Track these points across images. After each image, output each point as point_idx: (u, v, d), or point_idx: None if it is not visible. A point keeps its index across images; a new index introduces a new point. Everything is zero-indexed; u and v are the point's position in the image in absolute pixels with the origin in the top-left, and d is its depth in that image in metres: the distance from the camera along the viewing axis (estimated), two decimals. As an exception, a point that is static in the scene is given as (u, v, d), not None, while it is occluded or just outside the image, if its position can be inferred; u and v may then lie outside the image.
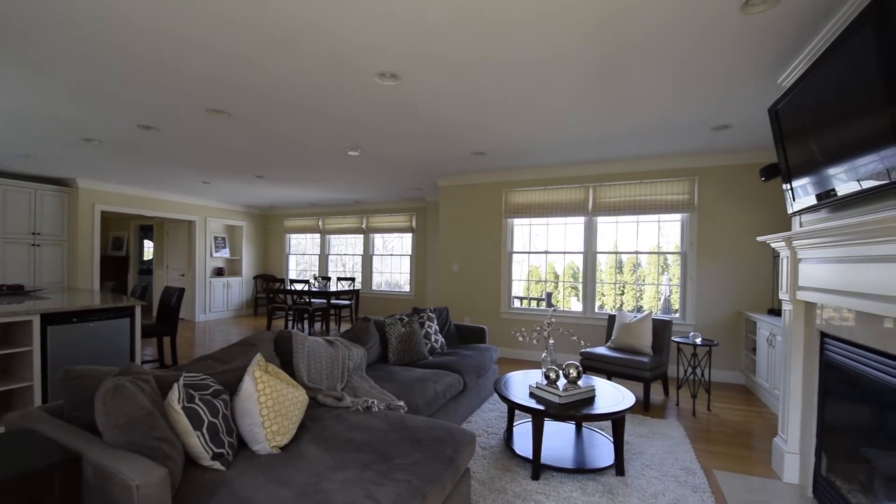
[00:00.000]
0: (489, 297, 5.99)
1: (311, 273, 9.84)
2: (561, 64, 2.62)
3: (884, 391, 1.81)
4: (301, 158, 5.11)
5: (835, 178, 1.95)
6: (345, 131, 4.01)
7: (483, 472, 2.59)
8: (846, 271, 1.94)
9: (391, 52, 2.48)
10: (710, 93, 3.04)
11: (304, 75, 2.80)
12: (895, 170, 1.55)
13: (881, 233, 1.64)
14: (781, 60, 2.53)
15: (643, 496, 2.38)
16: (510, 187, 5.84)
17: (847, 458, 2.15)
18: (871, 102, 1.62)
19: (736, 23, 2.15)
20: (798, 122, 2.22)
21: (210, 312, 8.86)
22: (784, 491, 2.47)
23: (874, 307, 1.72)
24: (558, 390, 2.69)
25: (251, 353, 2.29)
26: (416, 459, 1.76)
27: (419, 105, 3.32)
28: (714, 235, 4.82)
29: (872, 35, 1.56)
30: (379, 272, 9.10)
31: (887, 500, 1.85)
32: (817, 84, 1.99)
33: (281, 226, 10.03)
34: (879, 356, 1.81)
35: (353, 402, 2.35)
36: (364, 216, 9.02)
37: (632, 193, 5.19)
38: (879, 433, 1.94)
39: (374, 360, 3.45)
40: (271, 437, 1.80)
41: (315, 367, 2.62)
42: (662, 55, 2.50)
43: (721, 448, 3.05)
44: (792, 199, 2.44)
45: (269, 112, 3.52)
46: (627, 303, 6.13)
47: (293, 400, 1.91)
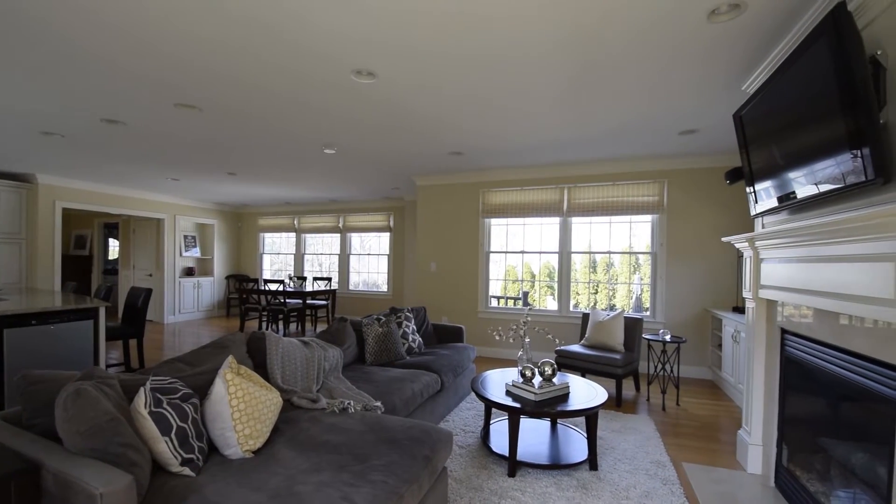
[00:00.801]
0: (467, 297, 6.02)
1: (286, 273, 9.66)
2: (536, 67, 2.65)
3: (839, 384, 1.91)
4: (275, 156, 5.01)
5: (795, 181, 2.05)
6: (320, 129, 3.96)
7: (460, 471, 2.61)
8: (805, 270, 2.04)
9: (368, 50, 2.46)
10: (677, 98, 3.14)
11: (278, 71, 2.75)
12: (850, 174, 1.64)
13: (837, 234, 1.73)
14: (745, 68, 2.64)
15: (615, 490, 2.44)
16: (487, 187, 5.89)
17: (806, 448, 2.26)
18: (827, 110, 1.70)
19: (703, 31, 2.23)
20: (761, 127, 2.32)
21: (180, 314, 8.59)
22: (748, 481, 2.58)
23: (830, 305, 1.82)
24: (534, 388, 2.73)
25: (222, 356, 2.23)
26: (393, 460, 1.75)
27: (396, 104, 3.31)
28: (682, 236, 4.99)
29: (827, 47, 1.64)
30: (356, 272, 9.02)
31: (841, 487, 1.95)
32: (778, 91, 2.08)
33: (254, 224, 9.80)
34: (835, 351, 1.91)
35: (328, 403, 2.32)
36: (341, 215, 8.91)
37: (604, 195, 5.31)
38: (834, 424, 2.04)
39: (350, 360, 3.41)
40: (244, 441, 1.76)
41: (290, 368, 2.57)
42: (632, 61, 2.57)
43: (689, 441, 3.16)
44: (755, 201, 2.55)
45: (242, 108, 3.43)
46: (601, 301, 6.27)
47: (266, 403, 1.88)
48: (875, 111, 1.53)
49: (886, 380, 1.57)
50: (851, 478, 1.87)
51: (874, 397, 1.65)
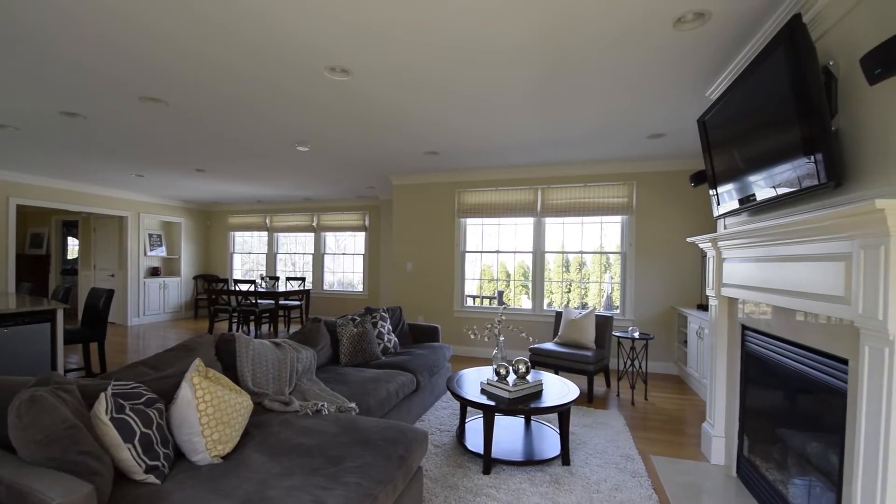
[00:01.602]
0: (443, 296, 6.03)
1: (257, 273, 9.43)
2: (509, 68, 2.68)
3: (795, 377, 2.02)
4: (246, 153, 4.88)
5: (755, 184, 2.15)
6: (293, 126, 3.88)
7: (435, 470, 2.61)
8: (764, 270, 2.14)
9: (342, 47, 2.43)
10: (645, 103, 3.24)
11: (250, 65, 2.68)
12: (805, 178, 1.73)
13: (793, 235, 1.83)
14: (710, 75, 2.74)
15: (587, 484, 2.50)
16: (463, 187, 5.91)
17: (765, 439, 2.37)
18: (784, 117, 1.79)
19: (669, 38, 2.31)
20: (723, 132, 2.42)
21: (144, 315, 8.27)
22: (712, 472, 2.68)
23: (787, 302, 1.91)
24: (508, 386, 2.76)
25: (189, 358, 2.17)
26: (367, 461, 1.74)
27: (371, 103, 3.28)
28: (650, 237, 5.15)
29: (784, 56, 1.73)
30: (331, 271, 8.89)
31: (798, 475, 2.06)
32: (739, 98, 2.17)
33: (224, 223, 9.53)
34: (792, 346, 2.01)
35: (301, 405, 2.29)
36: (315, 214, 8.77)
37: (576, 196, 5.42)
38: (791, 415, 2.15)
39: (324, 361, 3.37)
40: (212, 447, 1.71)
41: (261, 370, 2.52)
42: (601, 65, 2.63)
43: (657, 435, 3.27)
44: (717, 203, 2.66)
45: (211, 102, 3.33)
46: (574, 300, 6.39)
47: (236, 406, 1.83)
48: (827, 119, 1.62)
49: (837, 372, 1.67)
50: (807, 466, 1.97)
51: (826, 389, 1.75)
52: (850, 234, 1.47)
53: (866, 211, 1.31)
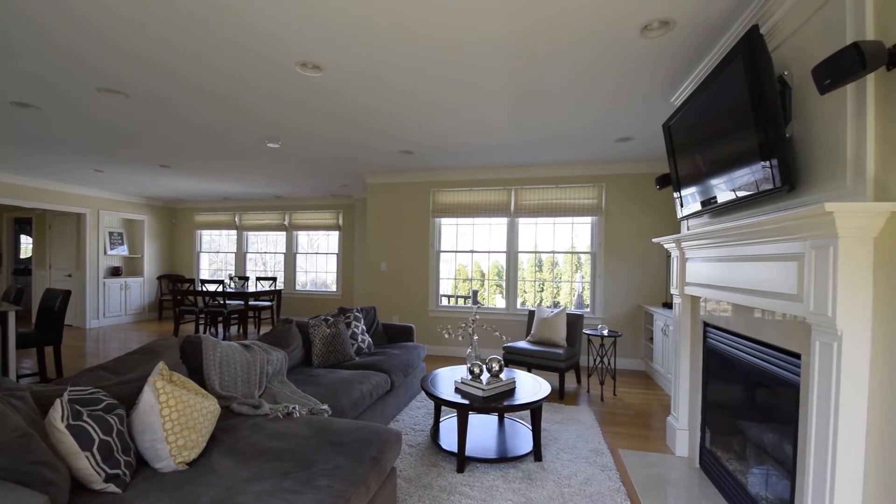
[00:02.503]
0: (417, 296, 6.02)
1: (226, 273, 9.16)
2: (483, 69, 2.71)
3: (752, 371, 2.12)
4: (213, 148, 4.73)
5: (716, 187, 2.24)
6: (263, 121, 3.79)
7: (410, 470, 2.61)
8: (724, 269, 2.24)
9: (314, 41, 2.39)
10: (614, 107, 3.33)
11: (217, 58, 2.60)
12: (762, 182, 1.81)
13: (750, 236, 1.92)
14: (674, 81, 2.85)
15: (558, 478, 2.55)
16: (438, 187, 5.92)
17: (725, 431, 2.48)
18: (742, 123, 1.88)
19: (636, 45, 2.38)
20: (686, 137, 2.51)
21: (105, 317, 7.90)
22: (676, 464, 2.79)
23: (745, 300, 2.01)
24: (482, 384, 2.79)
25: (153, 362, 2.09)
26: (340, 463, 1.72)
27: (344, 100, 3.24)
28: (619, 237, 5.30)
29: (743, 66, 1.81)
30: (304, 271, 8.73)
31: (756, 465, 2.16)
32: (702, 105, 2.26)
33: (190, 221, 9.20)
34: (749, 342, 2.11)
35: (271, 409, 2.24)
36: (287, 212, 8.58)
37: (549, 197, 5.52)
38: (750, 408, 2.26)
39: (296, 363, 3.31)
40: (177, 453, 1.65)
41: (229, 373, 2.45)
42: (572, 70, 2.69)
43: (625, 429, 3.37)
44: (681, 205, 2.76)
45: (176, 96, 3.21)
46: (546, 299, 6.50)
47: (202, 411, 1.78)
48: (782, 126, 1.71)
49: (791, 366, 1.76)
50: (764, 456, 2.08)
51: (781, 382, 1.84)
52: (802, 236, 1.56)
53: (816, 213, 1.39)
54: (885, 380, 1.35)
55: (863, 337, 1.39)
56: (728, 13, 2.09)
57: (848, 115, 1.47)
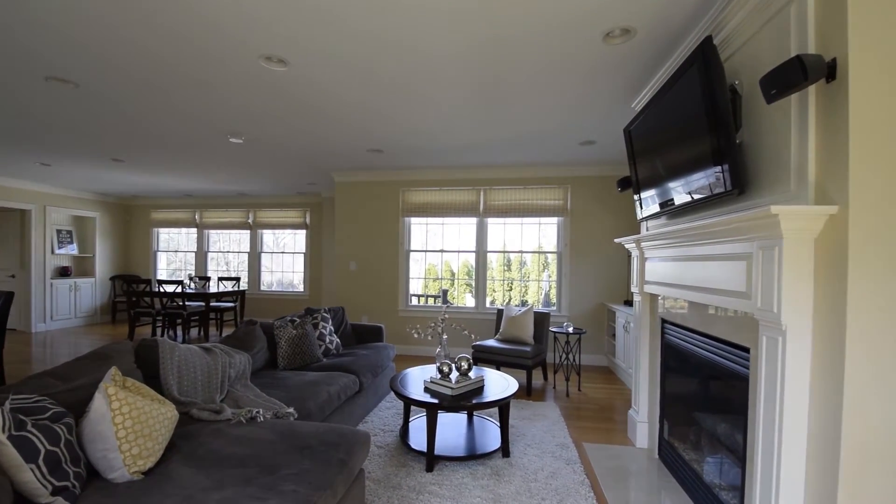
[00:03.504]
0: (387, 296, 5.98)
1: (185, 273, 8.79)
2: (450, 71, 2.72)
3: (707, 365, 2.22)
4: (171, 143, 4.53)
5: (673, 190, 2.34)
6: (225, 116, 3.66)
7: (378, 471, 2.59)
8: (680, 268, 2.34)
9: (280, 34, 2.32)
10: (577, 110, 3.42)
11: (175, 48, 2.49)
12: (715, 186, 1.91)
13: (703, 236, 2.01)
14: (635, 87, 2.95)
15: (525, 473, 2.60)
16: (407, 186, 5.90)
17: (682, 422, 2.60)
18: (697, 130, 1.97)
19: (598, 51, 2.46)
20: (646, 142, 2.61)
21: (53, 321, 7.42)
22: (637, 455, 2.90)
23: (699, 297, 2.11)
24: (451, 383, 2.80)
25: (104, 367, 1.98)
26: (306, 467, 1.69)
27: (310, 96, 3.18)
28: (583, 237, 5.46)
29: (697, 74, 1.90)
30: (269, 271, 8.49)
31: (710, 454, 2.27)
32: (660, 110, 2.36)
33: (147, 218, 8.78)
34: (704, 337, 2.22)
35: (234, 413, 2.17)
36: (251, 210, 8.33)
37: (516, 197, 5.62)
38: (704, 400, 2.38)
39: (260, 366, 3.22)
40: (131, 462, 1.58)
41: (188, 378, 2.36)
42: (539, 74, 2.75)
43: (589, 423, 3.47)
44: (641, 207, 2.87)
45: (130, 87, 3.06)
46: (515, 298, 6.60)
47: (158, 417, 1.71)
48: (733, 133, 1.80)
49: (741, 360, 1.87)
50: (718, 445, 2.19)
51: (732, 375, 1.94)
52: (750, 237, 1.66)
53: (763, 216, 1.48)
54: (823, 371, 1.45)
55: (805, 331, 1.49)
56: (685, 23, 2.18)
57: (792, 123, 1.57)
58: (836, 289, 1.40)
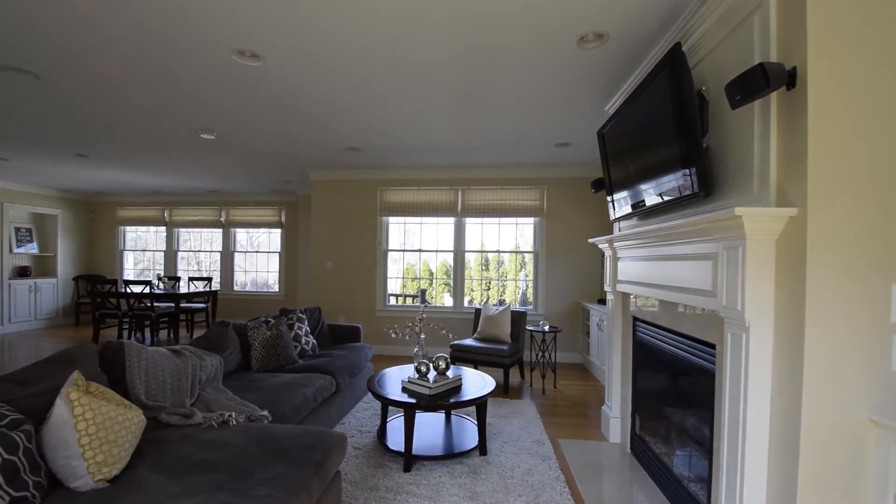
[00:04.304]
0: (364, 296, 5.93)
1: (154, 273, 8.50)
2: (429, 70, 2.72)
3: (676, 361, 2.30)
4: (139, 138, 4.37)
5: (645, 192, 2.40)
6: (196, 111, 3.56)
7: (356, 472, 2.57)
8: (650, 267, 2.41)
9: (253, 27, 2.26)
10: (552, 113, 3.47)
11: (142, 38, 2.41)
12: (683, 188, 1.97)
13: (672, 237, 2.08)
14: (608, 90, 3.02)
15: (502, 471, 2.63)
16: (385, 186, 5.87)
17: (653, 417, 2.67)
18: (666, 133, 2.03)
19: (573, 55, 2.50)
20: (618, 144, 2.67)
21: (11, 323, 7.06)
22: (610, 450, 2.97)
23: (669, 295, 2.17)
24: (429, 382, 2.80)
25: (66, 371, 1.90)
26: (280, 471, 1.67)
27: (285, 92, 3.12)
28: (559, 237, 5.56)
29: (667, 80, 1.96)
30: (243, 271, 8.29)
31: (679, 447, 2.35)
32: (632, 114, 2.41)
33: (113, 216, 8.44)
34: (673, 334, 2.29)
35: (205, 417, 2.12)
36: (224, 208, 8.11)
37: (494, 198, 5.67)
38: (674, 395, 2.45)
39: (233, 368, 3.15)
40: (95, 470, 1.52)
41: (156, 381, 2.28)
42: (515, 75, 2.78)
43: (564, 420, 3.53)
44: (614, 208, 2.94)
45: (95, 79, 2.94)
46: (492, 297, 6.65)
47: (125, 423, 1.65)
48: (700, 137, 1.87)
49: (708, 356, 1.93)
50: (686, 439, 2.26)
51: (700, 371, 2.01)
52: (715, 237, 1.72)
53: (728, 217, 1.54)
54: (784, 366, 1.52)
55: (766, 328, 1.56)
56: (656, 29, 2.25)
57: (755, 128, 1.64)
58: (796, 287, 1.46)
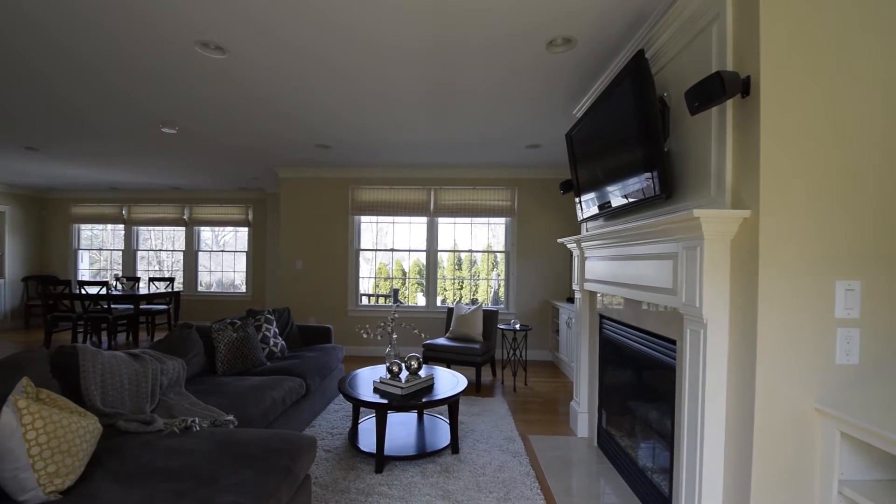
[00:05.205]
0: (336, 296, 5.85)
1: (112, 273, 8.10)
2: (400, 67, 2.71)
3: (640, 357, 2.38)
4: (94, 130, 4.16)
5: (611, 194, 2.47)
6: (157, 103, 3.41)
7: (326, 476, 2.54)
8: (616, 266, 2.48)
9: (217, 19, 2.19)
10: (522, 115, 3.53)
11: (100, 28, 2.29)
12: (647, 190, 2.04)
13: (635, 237, 2.15)
14: (576, 94, 3.09)
15: (474, 468, 2.65)
16: (357, 184, 5.80)
17: (618, 411, 2.76)
18: (630, 138, 2.09)
19: (542, 59, 2.55)
20: (585, 147, 2.74)
21: (-53, 328, 6.57)
22: (578, 444, 3.04)
23: (632, 294, 2.25)
24: (401, 382, 2.79)
25: (14, 378, 1.78)
26: (246, 477, 1.62)
27: (251, 87, 3.04)
28: (529, 237, 5.66)
29: (631, 85, 2.02)
30: (207, 270, 8.01)
31: (643, 440, 2.43)
32: (598, 118, 2.48)
33: (66, 213, 7.99)
34: (637, 331, 2.37)
35: (166, 423, 2.04)
36: (187, 205, 7.81)
37: (466, 198, 5.71)
38: (638, 390, 2.54)
39: (197, 372, 3.04)
40: (46, 481, 1.44)
41: (113, 387, 2.18)
42: (486, 76, 2.82)
43: (535, 416, 3.60)
44: (581, 209, 3.01)
45: (46, 68, 2.77)
46: (465, 296, 6.69)
47: (78, 431, 1.57)
48: (662, 141, 1.94)
49: (668, 351, 2.01)
50: (650, 431, 2.34)
51: (662, 366, 2.09)
52: (676, 238, 1.79)
53: (687, 219, 1.61)
54: (738, 360, 1.60)
55: (723, 324, 1.64)
56: (621, 36, 2.31)
57: (712, 134, 1.71)
58: (749, 285, 1.54)
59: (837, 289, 1.49)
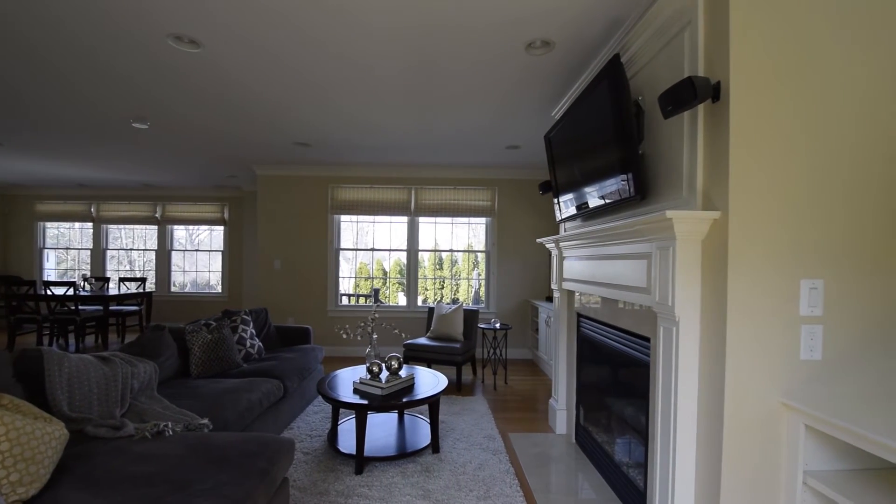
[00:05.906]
0: (315, 296, 5.78)
1: (80, 273, 7.80)
2: (379, 64, 2.70)
3: (615, 354, 2.43)
4: (62, 125, 4.00)
5: (588, 195, 2.52)
6: (128, 98, 3.30)
7: (305, 478, 2.51)
8: (593, 266, 2.53)
9: (191, 11, 2.13)
10: (503, 115, 3.56)
11: (67, 17, 2.20)
12: (623, 191, 2.08)
13: (611, 237, 2.20)
14: (555, 96, 3.13)
15: (454, 467, 2.66)
16: (337, 183, 5.74)
17: (595, 408, 2.81)
18: (606, 140, 2.14)
19: (521, 60, 2.58)
20: (564, 148, 2.78)
21: None
22: (556, 441, 3.09)
23: (609, 292, 2.30)
24: (381, 383, 2.78)
25: (-26, 386, 1.71)
26: (222, 481, 1.59)
27: (227, 82, 2.98)
28: (509, 237, 5.72)
29: (607, 89, 2.06)
30: (182, 270, 7.80)
31: (619, 435, 2.48)
32: (576, 120, 2.52)
33: (30, 210, 7.65)
34: (613, 329, 2.43)
35: (137, 428, 1.98)
36: (159, 203, 7.58)
37: (447, 197, 5.72)
38: (614, 386, 2.59)
39: (170, 375, 2.96)
40: (9, 491, 1.38)
41: (81, 392, 2.10)
42: (466, 77, 2.83)
43: (514, 414, 3.63)
44: (559, 209, 3.05)
45: (9, 58, 2.65)
46: (446, 296, 6.70)
47: (43, 438, 1.51)
48: (637, 144, 1.98)
49: (642, 348, 2.07)
50: (626, 427, 2.39)
51: (637, 363, 2.15)
52: (649, 238, 1.84)
53: (660, 220, 1.65)
54: (709, 357, 1.66)
55: (694, 322, 1.69)
56: (598, 40, 2.36)
57: (684, 137, 1.76)
58: (719, 284, 1.60)
59: (802, 287, 1.55)
